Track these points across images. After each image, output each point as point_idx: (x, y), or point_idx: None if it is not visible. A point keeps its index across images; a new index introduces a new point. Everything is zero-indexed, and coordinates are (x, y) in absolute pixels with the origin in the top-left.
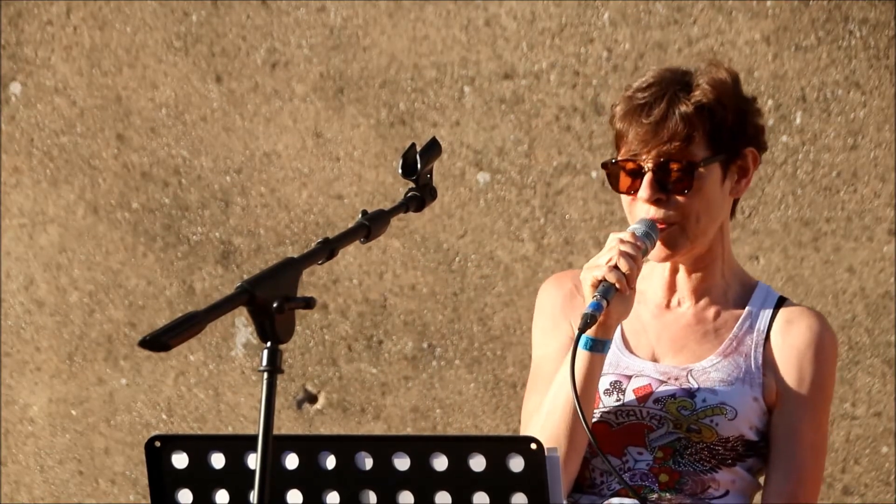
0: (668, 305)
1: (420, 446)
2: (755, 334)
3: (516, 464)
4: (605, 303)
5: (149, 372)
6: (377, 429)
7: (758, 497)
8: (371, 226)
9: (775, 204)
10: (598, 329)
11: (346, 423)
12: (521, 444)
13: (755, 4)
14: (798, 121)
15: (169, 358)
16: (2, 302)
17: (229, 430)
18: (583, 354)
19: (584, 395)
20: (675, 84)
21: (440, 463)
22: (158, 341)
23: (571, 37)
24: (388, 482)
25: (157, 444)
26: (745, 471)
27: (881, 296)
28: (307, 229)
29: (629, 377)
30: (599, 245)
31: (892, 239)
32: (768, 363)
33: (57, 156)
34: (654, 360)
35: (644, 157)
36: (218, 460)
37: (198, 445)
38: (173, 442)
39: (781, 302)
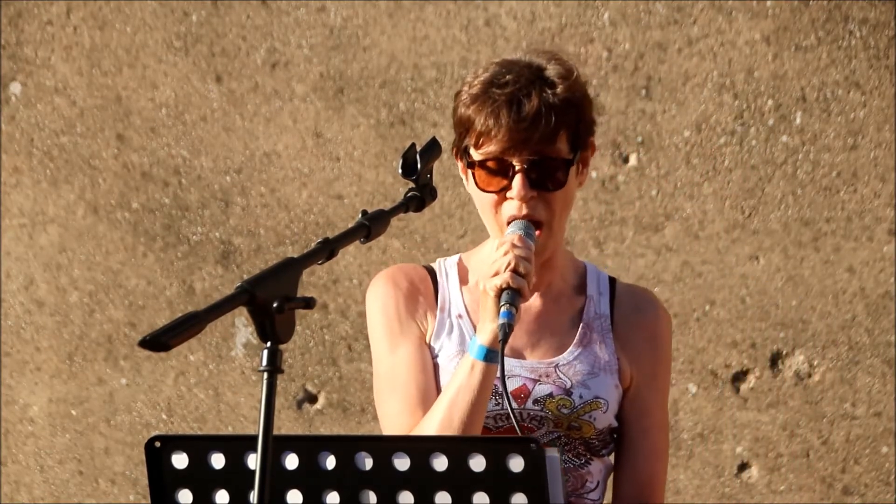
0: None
1: (420, 446)
2: (601, 320)
3: (516, 464)
4: (514, 310)
5: (149, 372)
6: (377, 429)
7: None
8: (371, 226)
9: (775, 204)
10: (492, 339)
11: (346, 423)
12: (520, 444)
13: (755, 4)
14: (798, 121)
15: (169, 358)
16: (2, 302)
17: (229, 431)
18: (480, 366)
19: (480, 406)
20: (535, 78)
21: (440, 463)
22: (158, 341)
23: (571, 37)
24: (388, 482)
25: (157, 444)
26: (608, 457)
27: (881, 296)
28: (307, 229)
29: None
30: (599, 245)
31: (892, 239)
32: (619, 349)
33: (57, 156)
34: (518, 356)
35: (515, 154)
36: (218, 460)
37: (198, 445)
38: (173, 442)
39: (613, 283)
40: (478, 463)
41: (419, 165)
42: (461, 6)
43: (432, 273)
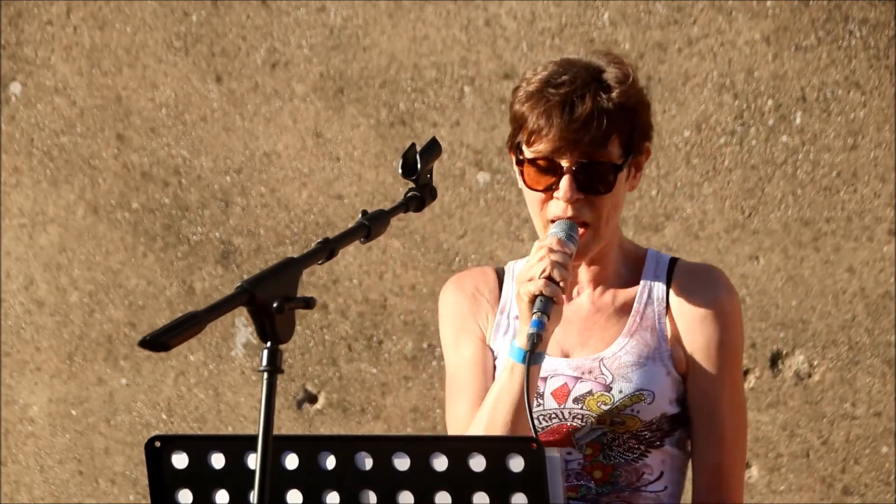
0: (568, 298)
1: (420, 446)
2: (656, 304)
3: (516, 464)
4: (545, 318)
5: (149, 372)
6: (377, 429)
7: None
8: (371, 226)
9: (775, 204)
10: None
11: (346, 423)
12: (520, 444)
13: (755, 4)
14: (798, 121)
15: (169, 358)
16: (2, 302)
17: (229, 431)
18: (520, 370)
19: (522, 407)
20: (592, 80)
21: (440, 463)
22: (158, 341)
23: (571, 37)
24: (388, 482)
25: (157, 444)
26: (674, 446)
27: (881, 296)
28: (307, 229)
29: (545, 379)
30: None
31: (892, 239)
32: (673, 333)
33: (57, 156)
34: (566, 355)
35: (565, 155)
36: (218, 460)
37: (198, 445)
38: (173, 442)
39: (673, 265)
40: (478, 463)
41: (419, 165)
42: (461, 6)
43: (500, 275)
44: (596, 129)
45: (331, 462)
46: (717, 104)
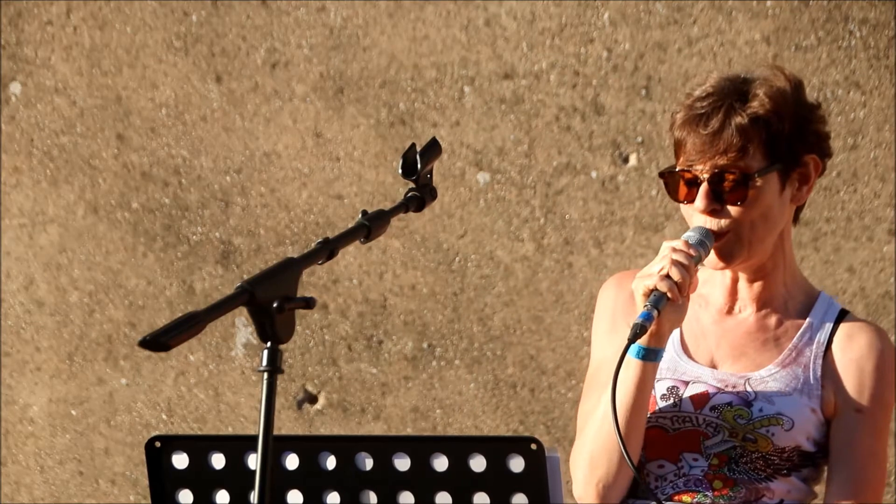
0: (728, 312)
1: (420, 447)
2: (815, 346)
3: (516, 464)
4: (655, 312)
5: (149, 372)
6: (377, 429)
7: None
8: (371, 226)
9: None
10: (650, 338)
11: (346, 423)
12: (521, 444)
13: (755, 4)
14: None
15: (169, 358)
16: (2, 302)
17: (229, 431)
18: (634, 364)
19: (636, 403)
20: (732, 94)
21: (440, 463)
22: (158, 341)
23: (571, 37)
24: (388, 483)
25: (158, 444)
26: (800, 480)
27: (881, 296)
28: (307, 229)
29: (686, 383)
30: (599, 245)
31: (892, 239)
32: (828, 375)
33: (57, 156)
34: (713, 366)
35: (700, 167)
36: (218, 461)
37: (198, 446)
38: (173, 442)
39: (843, 315)
40: (478, 463)
41: (419, 165)
42: (461, 6)
43: None
44: (727, 139)
45: (331, 462)
46: None
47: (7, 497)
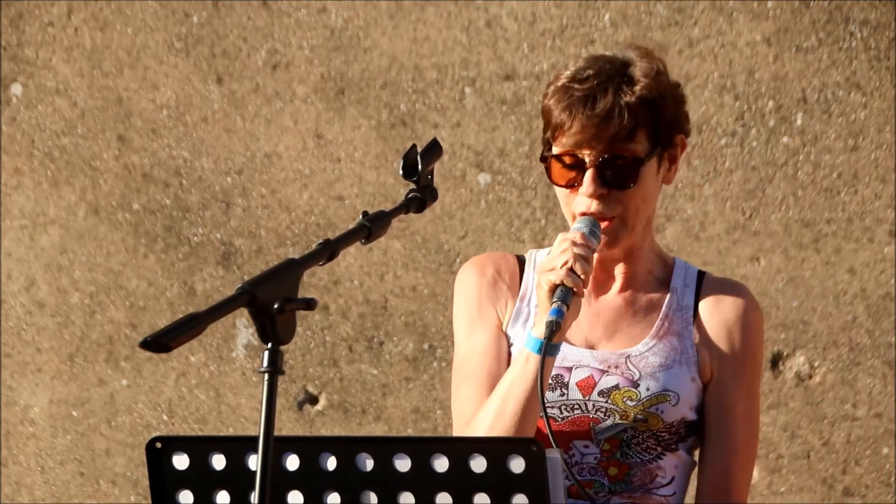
0: (598, 293)
1: (421, 447)
2: (683, 311)
3: (517, 465)
4: (565, 308)
5: (150, 373)
6: (378, 430)
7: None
8: (372, 227)
9: (776, 205)
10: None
11: (346, 424)
12: (521, 445)
13: (756, 5)
14: (799, 122)
15: (170, 359)
16: (3, 303)
17: (230, 432)
18: (536, 359)
19: (534, 397)
20: (616, 75)
21: (441, 464)
22: (159, 342)
23: (572, 38)
24: (388, 483)
25: (158, 445)
26: (686, 452)
27: (882, 297)
28: (308, 230)
29: (569, 369)
30: None
31: (893, 240)
32: (701, 341)
33: (58, 157)
34: (591, 347)
35: (587, 150)
36: (219, 461)
37: (199, 447)
38: (174, 443)
39: (702, 276)
40: (478, 464)
41: (420, 166)
42: (462, 7)
43: (522, 262)
44: (618, 123)
45: (332, 463)
46: (717, 105)
47: (8, 498)
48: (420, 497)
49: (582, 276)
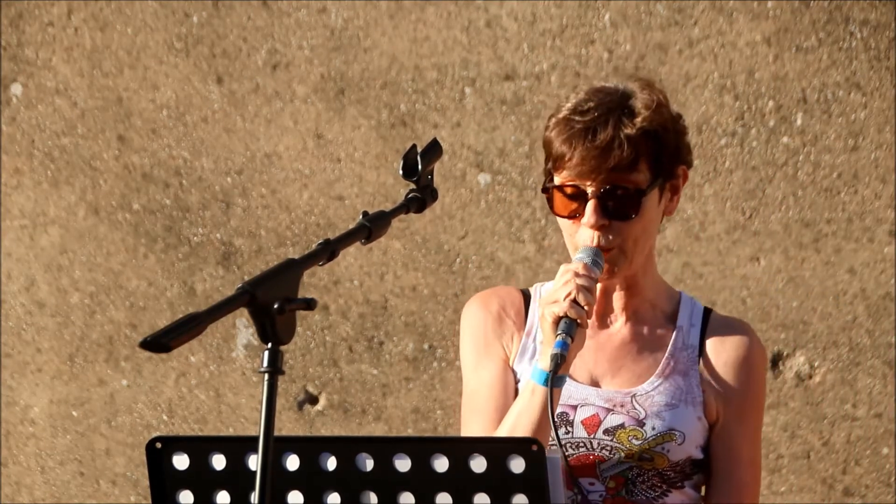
0: (600, 325)
1: (421, 448)
2: (689, 351)
3: (517, 465)
4: (570, 340)
5: (150, 373)
6: (378, 430)
7: None
8: (372, 227)
9: (776, 205)
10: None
11: (346, 424)
12: (521, 445)
13: (756, 6)
14: (799, 122)
15: (170, 359)
16: (3, 303)
17: (230, 432)
18: (542, 392)
19: (542, 430)
20: (616, 107)
21: (441, 464)
22: (159, 342)
23: (572, 38)
24: (388, 483)
25: (158, 445)
26: (692, 489)
27: (882, 297)
28: (308, 230)
29: (574, 407)
30: None
31: (893, 240)
32: (706, 380)
33: (58, 157)
34: (595, 383)
35: (588, 182)
36: (219, 461)
37: (199, 447)
38: (174, 443)
39: (708, 314)
40: (479, 464)
41: (420, 167)
42: (462, 7)
43: (527, 297)
44: (618, 154)
45: (332, 463)
46: (717, 105)
47: (8, 497)
48: (420, 497)
49: (585, 307)
